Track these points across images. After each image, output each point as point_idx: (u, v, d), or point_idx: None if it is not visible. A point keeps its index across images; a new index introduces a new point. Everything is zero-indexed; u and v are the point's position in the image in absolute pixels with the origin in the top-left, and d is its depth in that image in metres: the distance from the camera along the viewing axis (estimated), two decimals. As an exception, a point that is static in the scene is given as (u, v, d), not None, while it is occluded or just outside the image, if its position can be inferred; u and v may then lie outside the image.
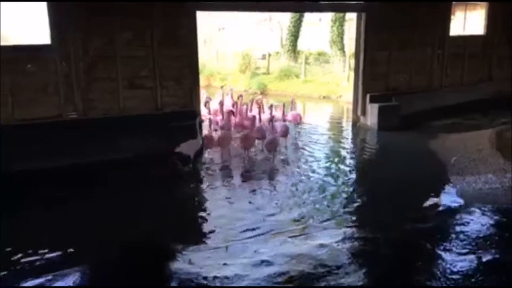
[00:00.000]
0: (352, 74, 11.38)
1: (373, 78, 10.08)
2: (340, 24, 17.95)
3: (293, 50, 20.73)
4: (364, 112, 10.23)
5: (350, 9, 10.79)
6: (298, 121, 9.58)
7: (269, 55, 20.19)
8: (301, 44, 22.66)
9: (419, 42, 10.39)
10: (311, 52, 22.13)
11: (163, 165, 7.39)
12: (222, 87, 19.64)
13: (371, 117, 10.01)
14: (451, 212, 5.71)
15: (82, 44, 7.56)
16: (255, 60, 21.18)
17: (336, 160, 8.00)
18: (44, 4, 7.22)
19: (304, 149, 8.64)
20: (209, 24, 31.36)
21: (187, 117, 8.24)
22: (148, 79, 8.14)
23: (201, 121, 8.55)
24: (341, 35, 18.09)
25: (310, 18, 23.47)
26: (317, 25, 25.56)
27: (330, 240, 4.86)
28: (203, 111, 9.14)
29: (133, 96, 8.05)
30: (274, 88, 17.15)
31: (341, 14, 17.80)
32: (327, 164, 7.77)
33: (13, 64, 7.12)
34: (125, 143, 7.64)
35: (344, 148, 8.91)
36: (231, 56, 22.71)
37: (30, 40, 7.38)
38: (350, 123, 10.67)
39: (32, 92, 7.30)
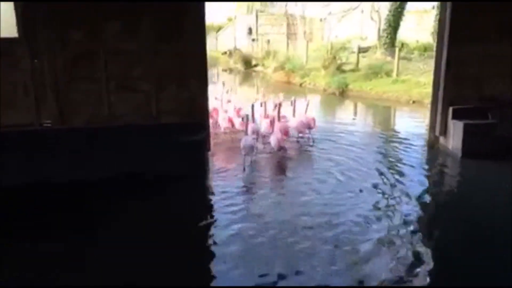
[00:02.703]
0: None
1: (458, 83, 7.21)
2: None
3: (391, 43, 17.71)
4: (444, 131, 7.43)
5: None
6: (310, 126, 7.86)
7: (359, 48, 17.44)
8: (407, 37, 19.53)
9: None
10: (416, 46, 18.89)
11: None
12: (301, 85, 17.69)
13: (454, 139, 7.18)
14: None
15: (58, 37, 6.15)
16: (346, 54, 18.61)
17: (381, 206, 5.32)
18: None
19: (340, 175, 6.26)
20: (309, 13, 29.38)
21: (190, 130, 6.50)
22: (142, 80, 6.48)
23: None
24: (446, 24, 14.67)
25: (416, 5, 20.17)
26: (429, 13, 22.12)
27: None
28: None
29: (122, 101, 6.45)
30: (357, 89, 14.52)
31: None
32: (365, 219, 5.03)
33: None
34: (106, 159, 6.15)
35: (400, 182, 6.22)
36: (322, 49, 20.37)
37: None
38: (426, 145, 7.93)
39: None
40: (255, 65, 23.65)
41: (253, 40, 28.94)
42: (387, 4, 17.92)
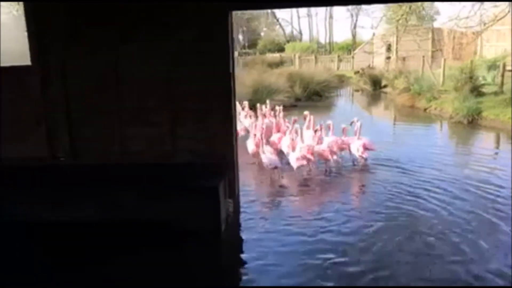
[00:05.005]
0: None
1: None
2: None
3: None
4: None
5: None
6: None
7: (504, 66, 14.09)
8: None
9: None
10: None
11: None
12: (425, 110, 14.92)
13: None
14: None
15: (71, 65, 5.58)
16: (495, 73, 15.31)
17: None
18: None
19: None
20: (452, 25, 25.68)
21: (209, 172, 5.32)
22: (156, 112, 5.55)
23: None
24: None
25: None
26: None
27: None
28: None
29: (136, 136, 5.60)
30: (491, 117, 11.53)
31: None
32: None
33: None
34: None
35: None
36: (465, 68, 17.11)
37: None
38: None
39: (7, 126, 5.68)
40: (384, 86, 21.26)
41: (388, 58, 26.39)
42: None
